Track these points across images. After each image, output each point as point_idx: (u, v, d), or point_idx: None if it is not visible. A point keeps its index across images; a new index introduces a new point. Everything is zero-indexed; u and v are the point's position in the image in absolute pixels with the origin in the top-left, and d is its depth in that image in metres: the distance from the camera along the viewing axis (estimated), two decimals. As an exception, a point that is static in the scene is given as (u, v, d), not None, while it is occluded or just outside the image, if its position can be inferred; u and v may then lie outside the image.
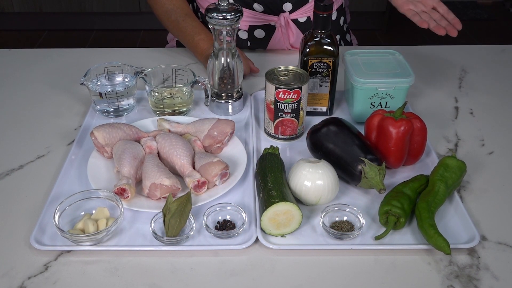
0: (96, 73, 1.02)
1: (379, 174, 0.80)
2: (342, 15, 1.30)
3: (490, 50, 1.31)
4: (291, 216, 0.75)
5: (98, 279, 0.70)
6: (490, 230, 0.78)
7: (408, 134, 0.84)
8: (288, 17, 1.20)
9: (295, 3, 1.19)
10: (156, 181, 0.78)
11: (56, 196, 0.81)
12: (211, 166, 0.82)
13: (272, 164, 0.82)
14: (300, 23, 1.22)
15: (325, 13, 0.92)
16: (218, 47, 0.98)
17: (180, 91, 1.01)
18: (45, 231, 0.76)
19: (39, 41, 3.08)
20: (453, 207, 0.81)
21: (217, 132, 0.90)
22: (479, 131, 1.01)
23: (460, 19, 1.01)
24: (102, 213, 0.77)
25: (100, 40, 3.10)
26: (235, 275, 0.70)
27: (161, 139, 0.88)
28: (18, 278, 0.70)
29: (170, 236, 0.73)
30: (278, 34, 1.22)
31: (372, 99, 0.96)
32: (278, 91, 0.90)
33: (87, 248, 0.73)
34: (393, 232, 0.77)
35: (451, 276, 0.71)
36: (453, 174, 0.81)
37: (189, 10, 1.18)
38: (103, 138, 0.86)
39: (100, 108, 1.01)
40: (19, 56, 1.26)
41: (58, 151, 0.94)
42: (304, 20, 1.21)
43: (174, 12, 1.16)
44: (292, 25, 1.21)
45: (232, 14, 0.93)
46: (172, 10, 1.16)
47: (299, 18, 1.21)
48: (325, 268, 0.72)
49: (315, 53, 0.95)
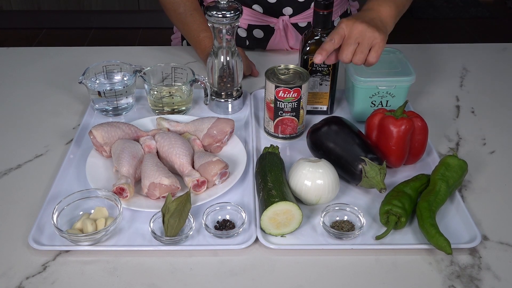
0: (94, 72, 1.02)
1: (380, 173, 0.80)
2: None
3: (492, 49, 1.30)
4: (291, 215, 0.74)
5: (97, 279, 0.69)
6: (491, 229, 0.78)
7: (409, 133, 0.84)
8: (287, 21, 1.19)
9: (296, 8, 1.18)
10: (155, 180, 0.78)
11: (54, 196, 0.81)
12: (211, 165, 0.81)
13: (272, 163, 0.82)
14: (300, 28, 1.21)
15: (325, 11, 0.91)
16: (217, 45, 0.97)
17: (180, 89, 1.01)
18: (43, 231, 0.75)
19: (37, 40, 3.07)
20: (454, 206, 0.81)
21: (216, 131, 0.89)
22: (480, 130, 1.00)
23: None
24: (100, 212, 0.76)
25: (99, 38, 3.10)
26: (235, 275, 0.70)
27: (160, 138, 0.87)
28: (16, 278, 0.69)
29: (169, 236, 0.73)
30: (277, 36, 1.21)
31: (373, 98, 0.96)
32: (278, 90, 0.89)
33: (85, 248, 0.73)
34: (394, 231, 0.76)
35: (452, 276, 0.70)
36: (454, 174, 0.80)
37: (197, 5, 1.17)
38: (102, 137, 0.86)
39: (98, 107, 1.01)
40: (17, 54, 1.26)
41: (56, 150, 0.93)
42: (304, 25, 1.21)
43: (183, 5, 1.14)
44: (292, 29, 1.20)
45: (231, 12, 0.92)
46: (181, 2, 1.15)
47: (299, 22, 1.20)
48: (326, 268, 0.71)
49: (315, 52, 0.95)
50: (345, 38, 0.84)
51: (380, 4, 0.91)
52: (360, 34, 0.83)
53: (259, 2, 1.17)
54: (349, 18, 0.85)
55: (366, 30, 0.82)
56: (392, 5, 0.91)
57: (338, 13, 1.25)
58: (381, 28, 0.86)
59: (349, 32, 0.83)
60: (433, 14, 3.40)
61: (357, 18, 0.85)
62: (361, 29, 0.82)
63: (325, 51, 0.83)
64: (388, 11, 0.90)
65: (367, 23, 0.84)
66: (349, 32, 0.83)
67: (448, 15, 0.96)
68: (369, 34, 0.82)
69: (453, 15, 3.32)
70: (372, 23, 0.85)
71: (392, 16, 0.90)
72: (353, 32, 0.83)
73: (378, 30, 0.84)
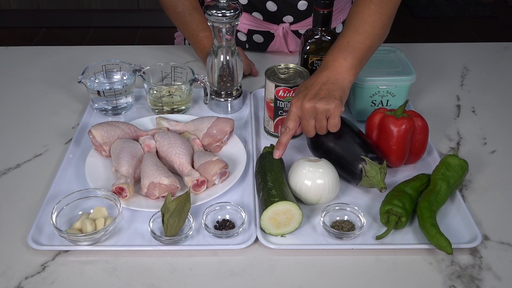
0: (94, 71, 1.02)
1: (380, 173, 0.79)
2: None
3: (492, 48, 1.30)
4: (291, 215, 0.74)
5: (96, 279, 0.69)
6: (492, 229, 0.77)
7: (409, 132, 0.83)
8: (288, 28, 1.18)
9: (297, 16, 1.17)
10: (154, 180, 0.78)
11: (53, 195, 0.81)
12: (210, 165, 0.81)
13: (272, 163, 0.82)
14: (301, 34, 1.20)
15: (325, 10, 0.91)
16: (217, 44, 0.97)
17: (179, 89, 1.01)
18: (43, 231, 0.75)
19: (36, 39, 3.07)
20: (455, 206, 0.81)
21: (216, 131, 0.89)
22: (481, 130, 1.00)
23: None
24: (100, 212, 0.76)
25: (98, 37, 3.09)
26: (235, 275, 0.70)
27: (160, 137, 0.87)
28: (15, 278, 0.69)
29: (169, 235, 0.73)
30: (277, 42, 1.20)
31: (373, 97, 0.96)
32: (278, 89, 0.89)
33: (85, 248, 0.73)
34: (394, 231, 0.76)
35: (453, 276, 0.70)
36: (455, 173, 0.80)
37: (197, 4, 1.16)
38: (101, 137, 0.86)
39: (98, 107, 1.01)
40: (16, 54, 1.25)
41: (55, 149, 0.93)
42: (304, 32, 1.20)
43: (181, 4, 1.14)
44: (292, 35, 1.19)
45: (231, 12, 0.92)
46: (180, 1, 1.14)
47: (300, 30, 1.19)
48: (326, 268, 0.71)
49: (315, 51, 0.95)
50: (301, 118, 0.82)
51: (335, 59, 0.84)
52: (312, 111, 0.80)
53: (259, 10, 1.16)
54: (298, 96, 0.82)
55: (315, 106, 0.80)
56: (348, 56, 0.83)
57: (341, 19, 1.23)
58: (332, 93, 0.80)
59: (301, 113, 0.82)
60: (434, 13, 3.40)
61: (305, 94, 0.81)
62: (310, 107, 0.80)
63: (282, 145, 0.82)
64: (344, 65, 0.83)
65: (314, 98, 0.80)
66: (301, 113, 0.82)
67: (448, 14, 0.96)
68: (320, 108, 0.79)
69: (454, 14, 3.32)
70: (321, 93, 0.80)
71: (349, 67, 0.83)
72: (305, 113, 0.81)
73: (328, 99, 0.79)
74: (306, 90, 0.82)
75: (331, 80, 0.82)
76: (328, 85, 0.82)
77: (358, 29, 0.86)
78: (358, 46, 0.84)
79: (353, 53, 0.84)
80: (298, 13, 1.16)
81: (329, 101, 0.79)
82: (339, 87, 0.82)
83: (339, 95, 0.81)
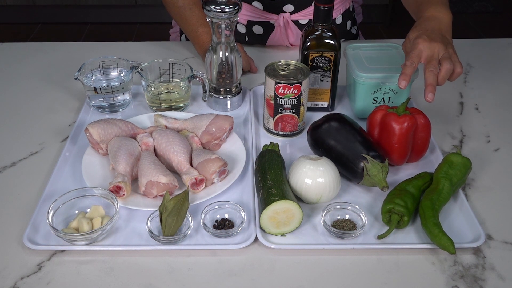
0: (90, 68, 1.01)
1: (382, 171, 0.79)
2: (349, 18, 1.27)
3: (496, 44, 1.30)
4: (292, 214, 0.74)
5: (93, 279, 0.69)
6: (496, 229, 0.77)
7: (411, 130, 0.83)
8: (288, 18, 1.18)
9: (297, 5, 1.17)
10: (152, 178, 0.78)
11: (49, 194, 0.80)
12: (209, 163, 0.81)
13: (271, 161, 0.81)
14: (301, 25, 1.20)
15: (326, 5, 0.90)
16: (216, 40, 0.96)
17: (177, 86, 1.00)
18: (39, 230, 0.75)
19: (32, 35, 3.05)
20: (458, 205, 0.80)
21: (215, 128, 0.88)
22: (484, 127, 0.99)
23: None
24: (97, 211, 0.76)
25: (95, 33, 3.08)
26: (234, 275, 0.70)
27: (158, 135, 0.87)
28: (10, 279, 0.69)
29: (167, 235, 0.72)
30: (277, 33, 1.20)
31: (375, 94, 0.95)
32: (278, 86, 0.88)
33: (81, 248, 0.72)
34: (396, 231, 0.76)
35: (456, 276, 0.70)
36: (458, 172, 0.80)
37: None
38: (98, 135, 0.85)
39: (95, 104, 1.00)
40: (12, 50, 1.25)
41: (51, 147, 0.93)
42: (305, 22, 1.20)
43: None
44: (292, 26, 1.19)
45: (230, 7, 0.91)
46: None
47: (300, 19, 1.19)
48: (326, 268, 0.71)
49: (316, 47, 0.94)
50: (427, 60, 0.84)
51: (439, 10, 0.92)
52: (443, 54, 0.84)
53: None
54: (422, 36, 0.85)
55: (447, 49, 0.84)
56: (448, 8, 0.93)
57: (341, 10, 1.23)
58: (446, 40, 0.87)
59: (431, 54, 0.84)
60: (437, 9, 3.38)
61: (429, 35, 0.86)
62: (438, 49, 0.84)
63: (408, 76, 0.84)
64: (448, 17, 0.91)
65: (442, 42, 0.85)
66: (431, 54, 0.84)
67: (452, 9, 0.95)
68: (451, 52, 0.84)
69: (457, 10, 3.30)
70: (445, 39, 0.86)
71: (451, 19, 0.92)
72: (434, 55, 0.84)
73: (448, 45, 0.86)
74: (428, 32, 0.86)
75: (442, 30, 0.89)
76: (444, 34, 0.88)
77: None
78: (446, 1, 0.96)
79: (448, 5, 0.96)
80: (299, 2, 1.16)
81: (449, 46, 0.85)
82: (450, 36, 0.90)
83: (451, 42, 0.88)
